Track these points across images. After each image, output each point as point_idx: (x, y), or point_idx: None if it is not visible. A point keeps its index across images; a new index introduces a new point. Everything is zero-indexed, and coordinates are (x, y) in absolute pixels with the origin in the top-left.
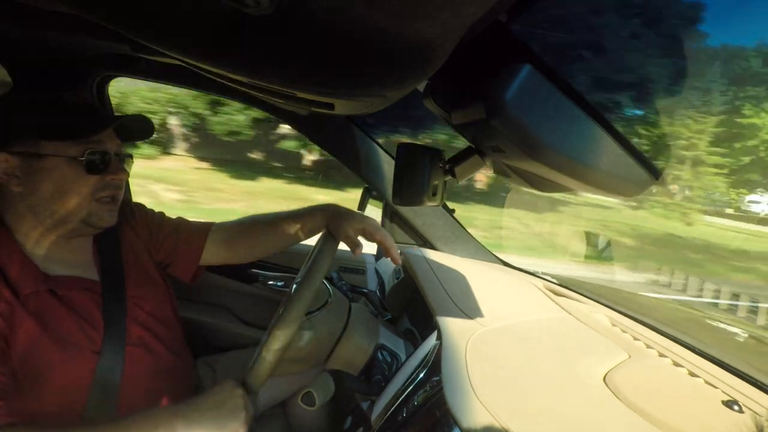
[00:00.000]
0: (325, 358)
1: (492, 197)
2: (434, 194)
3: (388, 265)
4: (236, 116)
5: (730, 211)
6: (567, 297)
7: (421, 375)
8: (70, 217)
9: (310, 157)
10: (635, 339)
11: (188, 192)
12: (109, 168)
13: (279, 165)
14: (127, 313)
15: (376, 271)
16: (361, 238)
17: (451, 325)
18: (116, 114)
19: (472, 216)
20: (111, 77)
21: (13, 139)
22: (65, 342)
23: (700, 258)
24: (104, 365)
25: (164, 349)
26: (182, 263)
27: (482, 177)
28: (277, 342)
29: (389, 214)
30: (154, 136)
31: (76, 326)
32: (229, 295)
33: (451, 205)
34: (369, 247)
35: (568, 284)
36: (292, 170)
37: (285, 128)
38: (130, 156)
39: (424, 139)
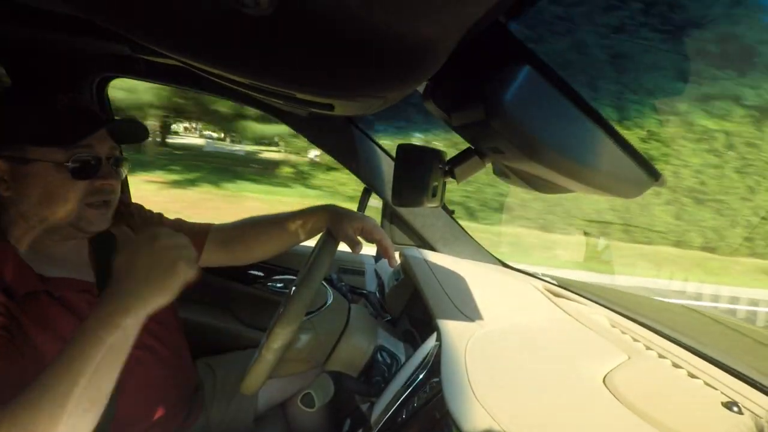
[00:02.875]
0: (324, 360)
1: None
2: (434, 195)
3: (387, 267)
4: None
5: None
6: (566, 298)
7: (421, 376)
8: (59, 221)
9: None
10: (635, 340)
11: None
12: (99, 173)
13: None
14: None
15: (376, 273)
16: (360, 238)
17: (451, 327)
18: (109, 118)
19: None
20: (110, 78)
21: (1, 143)
22: (63, 343)
23: None
24: None
25: (164, 349)
26: None
27: None
28: (276, 342)
29: (389, 215)
30: None
31: (73, 328)
32: (228, 296)
33: None
34: (368, 249)
35: (567, 285)
36: None
37: None
38: (126, 159)
39: None
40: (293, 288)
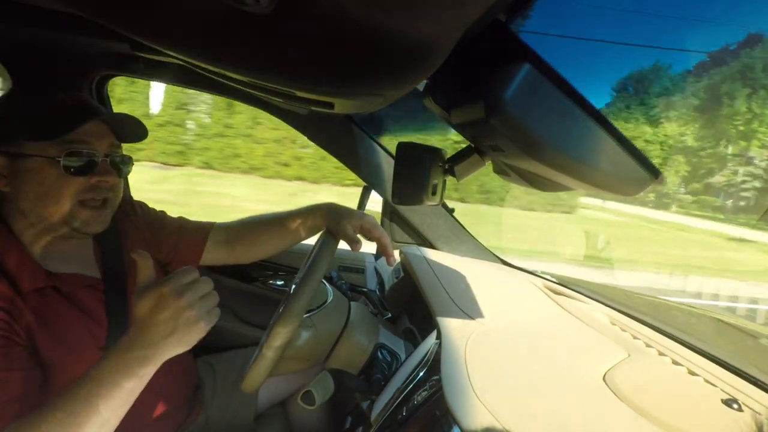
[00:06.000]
0: (324, 358)
1: None
2: (434, 193)
3: (387, 264)
4: None
5: None
6: (566, 296)
7: (421, 374)
8: (55, 219)
9: None
10: (635, 338)
11: None
12: (96, 169)
13: None
14: (129, 310)
15: (376, 270)
16: (359, 236)
17: (451, 324)
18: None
19: None
20: (110, 76)
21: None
22: (69, 339)
23: None
24: None
25: None
26: (182, 262)
27: None
28: (276, 340)
29: (389, 213)
30: None
31: (80, 323)
32: (229, 295)
33: None
34: (368, 246)
35: (567, 283)
36: None
37: None
38: (129, 158)
39: None
40: (293, 286)
